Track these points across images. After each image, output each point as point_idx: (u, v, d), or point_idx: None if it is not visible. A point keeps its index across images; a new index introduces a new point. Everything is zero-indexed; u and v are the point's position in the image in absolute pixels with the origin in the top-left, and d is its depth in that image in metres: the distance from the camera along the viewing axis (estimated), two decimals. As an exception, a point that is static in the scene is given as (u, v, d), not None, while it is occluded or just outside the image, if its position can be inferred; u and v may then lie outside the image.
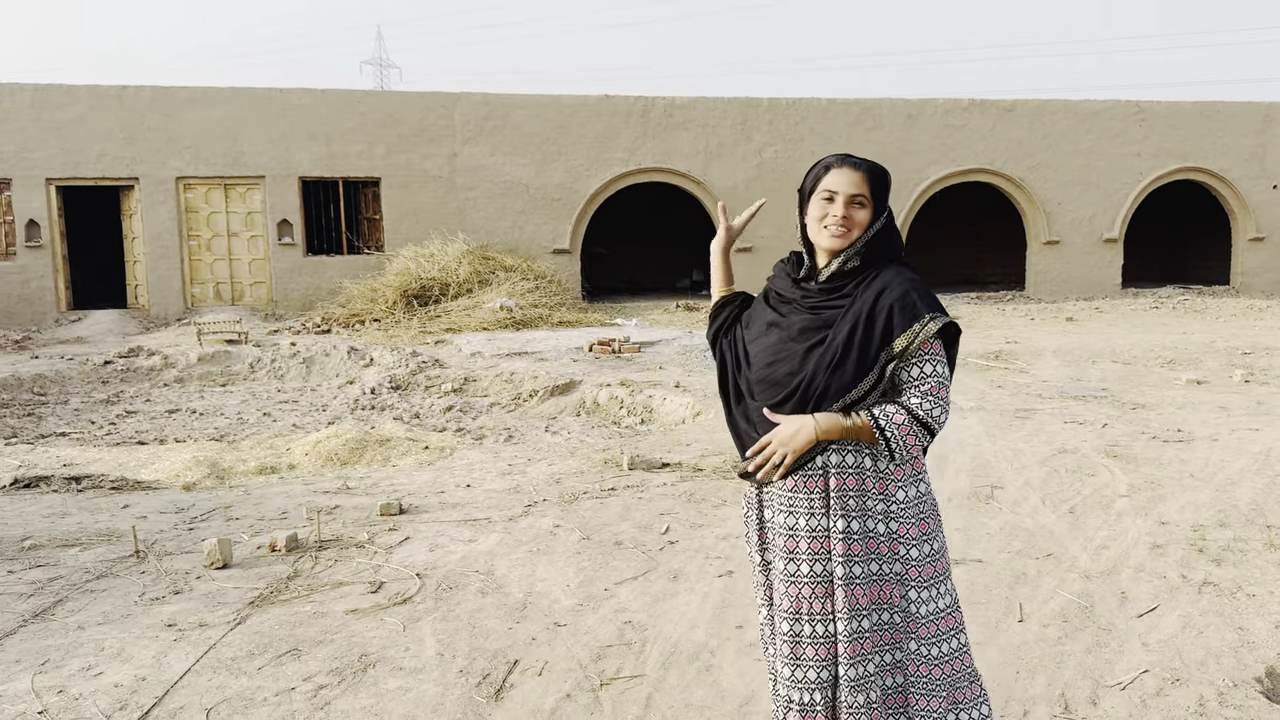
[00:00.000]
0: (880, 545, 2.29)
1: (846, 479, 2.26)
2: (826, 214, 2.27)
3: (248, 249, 17.65)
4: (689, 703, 3.21)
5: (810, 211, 2.31)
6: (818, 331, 2.26)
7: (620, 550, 4.68)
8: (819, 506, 2.28)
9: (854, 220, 2.25)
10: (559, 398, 9.40)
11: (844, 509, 2.25)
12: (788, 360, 2.27)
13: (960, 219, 23.32)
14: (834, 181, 2.26)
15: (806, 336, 2.27)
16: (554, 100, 18.27)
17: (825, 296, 2.29)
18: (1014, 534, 4.81)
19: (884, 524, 2.29)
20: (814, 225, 2.30)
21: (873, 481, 2.27)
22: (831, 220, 2.25)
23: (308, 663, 3.49)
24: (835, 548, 2.25)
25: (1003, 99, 19.91)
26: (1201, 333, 13.58)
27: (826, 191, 2.27)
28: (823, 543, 2.28)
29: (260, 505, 5.62)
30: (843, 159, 2.29)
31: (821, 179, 2.29)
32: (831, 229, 2.25)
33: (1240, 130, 20.29)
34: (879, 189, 2.28)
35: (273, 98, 17.31)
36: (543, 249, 18.21)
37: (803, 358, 2.25)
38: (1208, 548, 4.55)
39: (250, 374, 11.75)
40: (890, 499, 2.28)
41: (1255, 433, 6.88)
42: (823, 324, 2.26)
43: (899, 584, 2.30)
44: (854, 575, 2.25)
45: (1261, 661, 3.43)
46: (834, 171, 2.27)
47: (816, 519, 2.28)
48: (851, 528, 2.26)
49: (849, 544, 2.25)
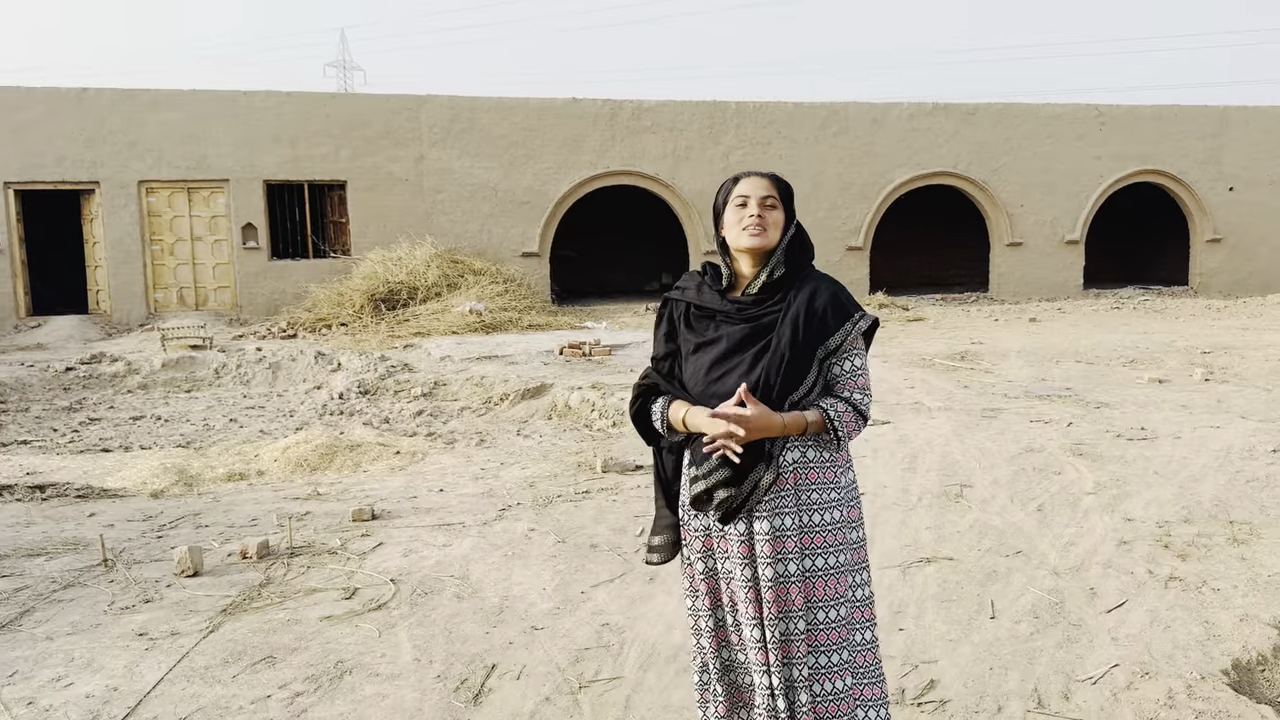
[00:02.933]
0: (825, 536, 2.39)
1: (807, 473, 2.41)
2: (742, 217, 2.42)
3: (212, 253, 17.44)
4: (667, 704, 3.22)
5: (727, 219, 2.46)
6: (761, 337, 2.39)
7: (596, 553, 4.69)
8: (788, 506, 2.38)
9: (768, 220, 2.40)
10: (530, 401, 9.38)
11: (797, 504, 2.38)
12: (736, 370, 2.39)
13: (925, 221, 23.54)
14: (744, 188, 2.44)
15: (751, 344, 2.40)
16: (521, 103, 18.24)
17: (758, 306, 2.43)
18: (984, 532, 4.87)
19: (833, 512, 2.41)
20: (733, 231, 2.44)
21: (818, 472, 2.41)
22: (748, 221, 2.39)
23: (283, 670, 3.47)
24: (787, 544, 2.36)
25: (966, 103, 20.13)
26: (1162, 332, 13.81)
27: (739, 198, 2.44)
28: (772, 544, 2.36)
29: (230, 512, 5.56)
30: (748, 172, 2.50)
31: (732, 190, 2.46)
32: (750, 229, 2.39)
33: (1197, 133, 20.66)
34: (785, 194, 2.46)
35: (236, 100, 17.13)
36: (511, 252, 18.16)
37: (751, 363, 2.38)
38: (1173, 543, 4.63)
39: (216, 380, 11.62)
40: (837, 486, 2.43)
41: (1216, 430, 7.02)
42: (763, 330, 2.40)
43: (847, 573, 2.41)
44: (792, 572, 2.36)
45: (1228, 654, 3.50)
46: (743, 181, 2.46)
47: (778, 519, 2.38)
48: (811, 520, 2.39)
49: (802, 538, 2.38)
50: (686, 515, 2.50)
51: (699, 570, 2.49)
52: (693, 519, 2.48)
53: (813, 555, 2.37)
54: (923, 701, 3.19)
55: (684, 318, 2.54)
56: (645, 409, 2.58)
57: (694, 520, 2.47)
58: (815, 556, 2.37)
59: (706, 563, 2.47)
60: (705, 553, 2.47)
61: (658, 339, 2.61)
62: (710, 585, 2.48)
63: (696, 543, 2.48)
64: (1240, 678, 3.40)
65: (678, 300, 2.57)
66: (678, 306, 2.57)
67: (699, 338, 2.48)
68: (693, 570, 2.51)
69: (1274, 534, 4.75)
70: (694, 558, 2.50)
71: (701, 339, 2.47)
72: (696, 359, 2.46)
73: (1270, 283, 21.19)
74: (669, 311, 2.59)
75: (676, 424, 2.47)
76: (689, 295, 2.54)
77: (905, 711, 3.13)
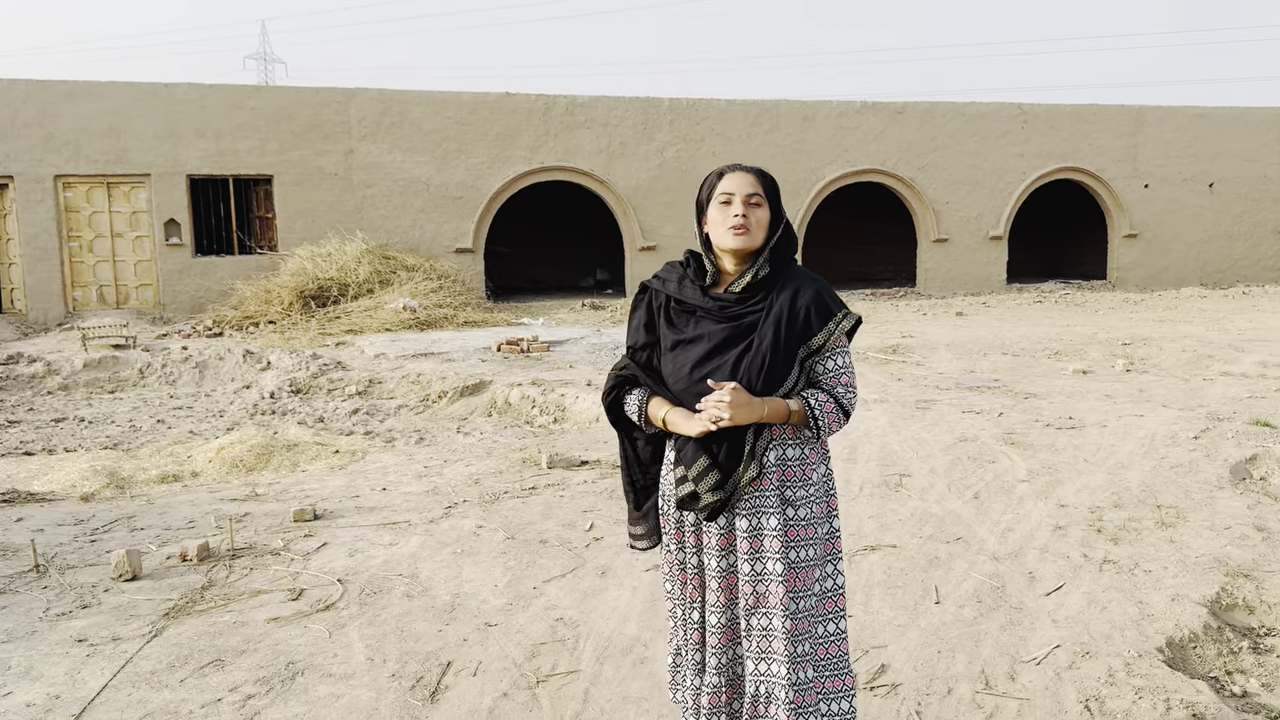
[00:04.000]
0: (799, 530, 2.39)
1: (785, 470, 2.41)
2: (727, 216, 2.37)
3: (133, 250, 16.93)
4: (626, 695, 3.24)
5: (711, 217, 2.42)
6: (742, 338, 2.37)
7: (546, 548, 4.69)
8: (771, 505, 2.39)
9: (753, 219, 2.36)
10: (469, 398, 9.31)
11: (781, 502, 2.39)
12: (719, 370, 2.36)
13: (855, 218, 23.91)
14: (729, 185, 2.39)
15: (732, 344, 2.37)
16: (453, 97, 18.05)
17: (741, 305, 2.39)
18: (924, 519, 4.98)
19: (808, 508, 2.41)
20: (717, 229, 2.40)
21: (795, 470, 2.42)
22: (733, 221, 2.35)
23: (233, 673, 3.40)
24: (768, 544, 2.37)
25: (894, 101, 20.50)
26: (1083, 325, 14.25)
27: (724, 195, 2.38)
28: (751, 541, 2.37)
29: (165, 515, 5.42)
30: (733, 166, 2.43)
31: (716, 185, 2.41)
32: (734, 229, 2.35)
33: (1115, 132, 21.34)
34: (771, 190, 2.41)
35: (158, 93, 16.65)
36: (445, 248, 17.97)
37: (734, 365, 2.36)
38: (1105, 528, 4.80)
39: (140, 380, 11.29)
40: (811, 482, 2.42)
41: (1140, 418, 7.27)
42: (745, 330, 2.37)
43: (816, 566, 2.41)
44: (775, 570, 2.37)
45: (1162, 633, 3.64)
46: (727, 176, 2.40)
47: (759, 518, 2.39)
48: (788, 517, 2.39)
49: (787, 533, 2.38)
50: (664, 504, 2.51)
51: (676, 560, 2.51)
52: (671, 509, 2.48)
53: (795, 548, 2.37)
54: (875, 686, 3.26)
55: (664, 311, 2.50)
56: (620, 399, 2.56)
57: (671, 510, 2.49)
58: (790, 550, 2.37)
59: (682, 554, 2.49)
60: (680, 545, 2.49)
61: (634, 328, 2.56)
62: (685, 577, 2.50)
63: (672, 532, 2.50)
64: (1174, 655, 3.54)
65: (657, 291, 2.53)
66: (657, 297, 2.53)
67: (678, 334, 2.45)
68: (671, 558, 2.53)
69: (1198, 517, 4.95)
70: (672, 546, 2.52)
71: (681, 336, 2.44)
72: (677, 356, 2.43)
73: (1184, 276, 22.00)
74: (648, 301, 2.55)
75: (656, 421, 2.45)
76: (670, 288, 2.49)
77: (859, 696, 3.19)
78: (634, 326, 2.56)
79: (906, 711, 3.10)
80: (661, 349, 2.48)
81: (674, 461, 2.43)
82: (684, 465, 2.36)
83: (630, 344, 2.56)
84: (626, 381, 2.55)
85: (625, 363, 2.56)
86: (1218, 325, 13.84)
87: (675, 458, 2.42)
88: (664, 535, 2.56)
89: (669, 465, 2.48)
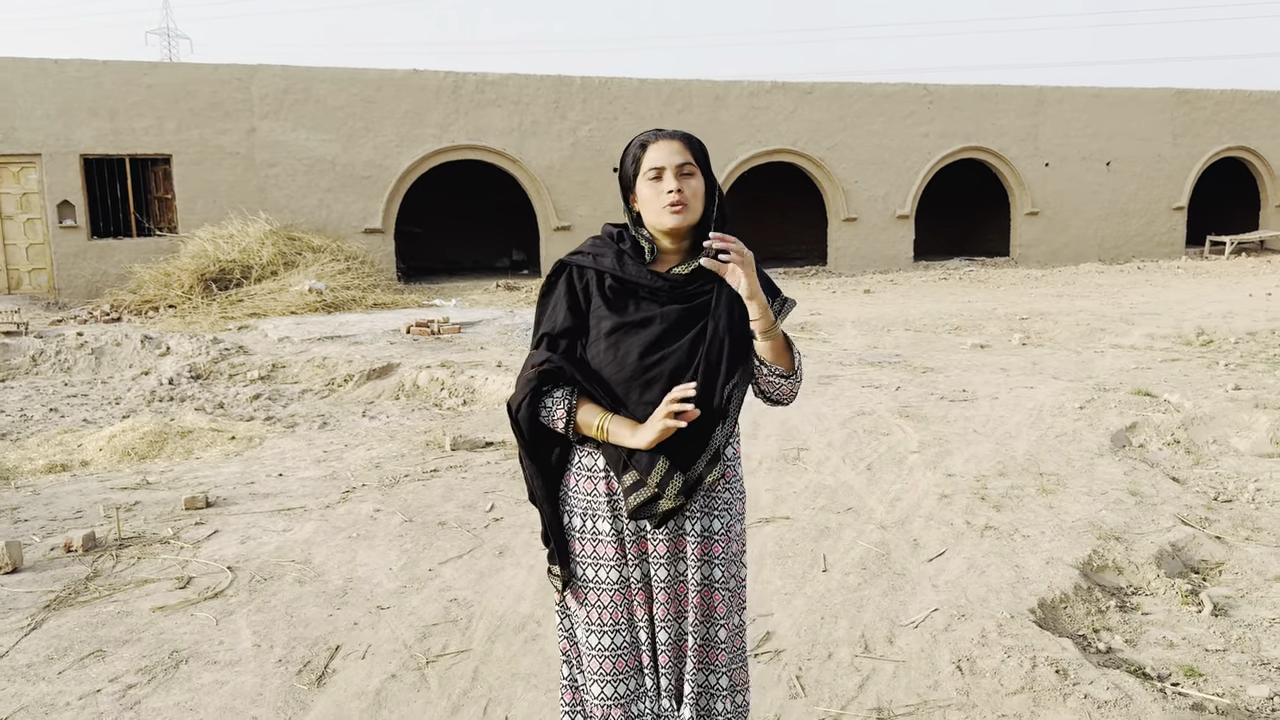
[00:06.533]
0: (737, 531, 2.26)
1: (727, 471, 2.22)
2: (660, 192, 2.12)
3: (24, 233, 16.24)
4: (515, 672, 3.27)
5: (642, 194, 2.15)
6: (695, 321, 2.16)
7: (444, 530, 4.68)
8: (717, 507, 2.23)
9: (689, 191, 2.12)
10: (376, 381, 9.19)
11: (725, 504, 2.24)
12: (673, 356, 2.13)
13: (767, 198, 24.16)
14: (656, 156, 2.12)
15: (685, 328, 2.15)
16: (359, 74, 17.68)
17: (692, 284, 2.17)
18: (818, 491, 5.11)
19: (737, 505, 2.27)
20: (651, 207, 2.14)
21: (734, 469, 2.28)
22: (669, 198, 2.10)
23: (113, 663, 3.34)
24: (715, 549, 2.20)
25: (803, 81, 20.74)
26: (984, 301, 14.67)
27: (652, 170, 2.12)
28: (703, 545, 2.19)
29: (52, 505, 5.26)
30: (656, 133, 2.16)
31: (642, 159, 2.15)
32: (671, 207, 2.10)
33: (1016, 112, 21.93)
34: (701, 155, 2.17)
35: (48, 69, 15.94)
36: (353, 229, 17.63)
37: (689, 349, 2.14)
38: (989, 495, 4.98)
39: (33, 367, 10.87)
40: (736, 478, 2.27)
41: (1030, 390, 7.54)
42: (698, 311, 2.16)
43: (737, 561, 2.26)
44: (718, 578, 2.21)
45: (1035, 595, 3.81)
46: (652, 147, 2.14)
47: (708, 520, 2.21)
48: (729, 521, 2.24)
49: (728, 541, 2.23)
50: (590, 521, 2.20)
51: (612, 580, 2.19)
52: (601, 523, 2.18)
53: (733, 561, 2.22)
54: (759, 653, 3.35)
55: (600, 291, 2.18)
56: (537, 408, 2.16)
57: (601, 524, 2.18)
58: (733, 562, 2.21)
59: (621, 571, 2.19)
60: (619, 560, 2.19)
61: (557, 311, 2.19)
62: (619, 598, 2.20)
63: (608, 550, 2.18)
64: (1045, 615, 3.71)
65: (583, 269, 2.20)
66: (582, 275, 2.20)
67: (621, 316, 2.15)
68: (599, 586, 2.20)
69: (1078, 483, 5.17)
70: (603, 569, 2.19)
71: (625, 318, 2.15)
72: (620, 341, 2.13)
73: (1082, 253, 22.77)
74: (571, 280, 2.20)
75: (590, 432, 2.13)
76: (605, 264, 2.18)
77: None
78: (555, 310, 2.20)
79: (788, 676, 3.19)
80: (592, 336, 2.16)
81: (614, 469, 2.13)
82: (638, 470, 2.09)
83: (547, 331, 2.19)
84: (546, 381, 2.15)
85: (544, 356, 2.15)
86: (1112, 300, 14.38)
87: (620, 464, 2.12)
88: (582, 561, 2.21)
89: (589, 475, 2.19)
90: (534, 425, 2.16)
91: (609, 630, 2.18)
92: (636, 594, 2.18)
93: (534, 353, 2.18)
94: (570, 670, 2.30)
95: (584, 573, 2.20)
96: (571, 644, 2.29)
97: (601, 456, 2.16)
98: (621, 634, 2.19)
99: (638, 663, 2.21)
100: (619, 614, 2.19)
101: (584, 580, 2.20)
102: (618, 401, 2.13)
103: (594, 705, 2.20)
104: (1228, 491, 5.13)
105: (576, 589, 2.22)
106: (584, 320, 2.17)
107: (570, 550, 2.21)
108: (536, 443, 2.19)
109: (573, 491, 2.21)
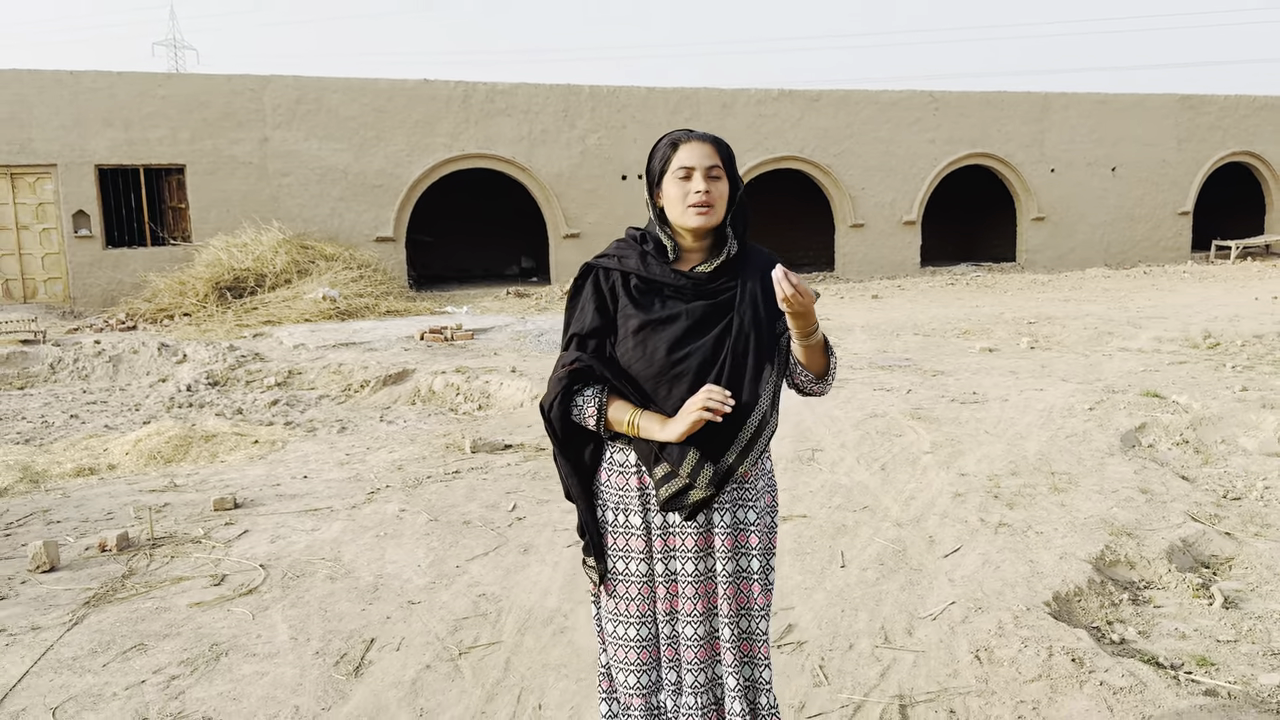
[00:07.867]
0: (771, 523, 2.32)
1: (761, 461, 2.31)
2: (687, 192, 2.17)
3: (40, 243, 16.42)
4: (546, 663, 3.37)
5: (668, 193, 2.20)
6: (719, 316, 2.21)
7: (469, 529, 4.78)
8: (749, 498, 2.28)
9: (715, 194, 2.17)
10: (392, 387, 9.31)
11: (757, 494, 2.30)
12: (699, 351, 2.18)
13: (775, 204, 24.28)
14: (687, 157, 2.17)
15: (711, 324, 2.20)
16: (370, 84, 17.85)
17: (711, 281, 2.23)
18: (834, 490, 5.20)
19: (769, 496, 2.33)
20: (676, 207, 2.19)
21: (766, 461, 2.36)
22: (695, 198, 2.16)
23: (156, 656, 3.44)
24: (750, 539, 2.25)
25: (810, 89, 20.86)
26: (992, 305, 14.75)
27: (682, 169, 2.17)
28: (734, 537, 2.24)
29: (83, 507, 5.38)
30: (687, 133, 2.21)
31: (672, 157, 2.19)
32: (697, 207, 2.16)
33: (1022, 118, 22.04)
34: (729, 159, 2.22)
35: (63, 81, 16.14)
36: (365, 237, 17.79)
37: (715, 344, 2.19)
38: (1002, 494, 5.07)
39: (51, 375, 11.01)
40: (765, 471, 2.34)
41: (1040, 392, 7.63)
42: (722, 308, 2.21)
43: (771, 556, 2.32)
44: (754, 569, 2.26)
45: (1049, 588, 3.89)
46: (684, 147, 2.18)
47: (740, 512, 2.27)
48: (763, 512, 2.30)
49: (765, 533, 2.30)
50: (622, 515, 2.26)
51: (640, 573, 2.26)
52: (632, 517, 2.24)
53: (769, 552, 2.27)
54: (782, 644, 3.44)
55: (625, 291, 2.24)
56: (568, 406, 2.22)
57: (633, 518, 2.24)
58: (768, 554, 2.27)
59: (649, 565, 2.26)
60: (646, 554, 2.25)
61: (585, 312, 2.25)
62: (646, 591, 2.26)
63: (637, 543, 2.25)
64: (1060, 608, 3.80)
65: (609, 270, 2.27)
66: (608, 277, 2.26)
67: (647, 314, 2.20)
68: (628, 578, 2.27)
69: (1088, 482, 5.25)
70: (632, 562, 2.26)
71: (650, 316, 2.20)
72: (647, 339, 2.19)
73: (1088, 257, 22.85)
74: (597, 282, 2.26)
75: (621, 428, 2.18)
76: (630, 265, 2.24)
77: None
78: (584, 312, 2.25)
79: (810, 666, 3.29)
80: (620, 335, 2.22)
81: (646, 463, 2.19)
82: (669, 463, 2.14)
83: (576, 331, 2.24)
84: (580, 377, 2.21)
85: (574, 356, 2.21)
86: (1119, 304, 14.45)
87: (651, 458, 2.17)
88: (613, 554, 2.28)
89: (621, 470, 2.26)
90: (566, 423, 2.23)
91: (635, 622, 2.26)
92: (660, 588, 2.24)
93: (564, 353, 2.25)
94: (606, 657, 2.37)
95: (614, 565, 2.26)
96: (616, 646, 2.34)
97: (633, 452, 2.22)
98: (647, 626, 2.26)
99: (659, 656, 2.28)
100: (645, 606, 2.26)
101: (613, 573, 2.27)
102: (647, 398, 2.18)
103: (621, 693, 2.30)
104: (1237, 489, 5.22)
105: (605, 581, 2.29)
106: (611, 320, 2.23)
107: (603, 544, 2.28)
108: (569, 440, 2.25)
109: (605, 486, 2.27)
